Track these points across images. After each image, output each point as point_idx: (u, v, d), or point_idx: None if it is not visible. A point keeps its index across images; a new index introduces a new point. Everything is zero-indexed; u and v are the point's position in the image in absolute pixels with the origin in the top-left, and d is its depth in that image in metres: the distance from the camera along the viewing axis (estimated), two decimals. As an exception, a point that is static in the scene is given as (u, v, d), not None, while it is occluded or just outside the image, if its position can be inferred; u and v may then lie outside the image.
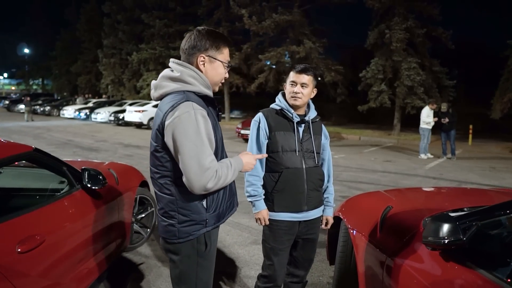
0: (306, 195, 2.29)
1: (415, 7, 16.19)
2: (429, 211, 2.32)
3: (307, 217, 2.33)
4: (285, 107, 2.35)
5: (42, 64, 45.44)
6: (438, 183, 7.55)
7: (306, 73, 2.32)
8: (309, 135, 2.34)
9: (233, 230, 4.53)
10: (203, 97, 1.73)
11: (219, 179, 1.61)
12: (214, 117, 1.77)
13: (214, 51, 1.76)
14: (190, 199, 1.70)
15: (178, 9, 25.60)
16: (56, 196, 2.58)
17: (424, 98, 15.26)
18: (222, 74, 1.82)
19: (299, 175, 2.27)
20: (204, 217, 1.73)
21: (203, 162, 1.57)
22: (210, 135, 1.65)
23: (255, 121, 2.36)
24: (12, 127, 19.00)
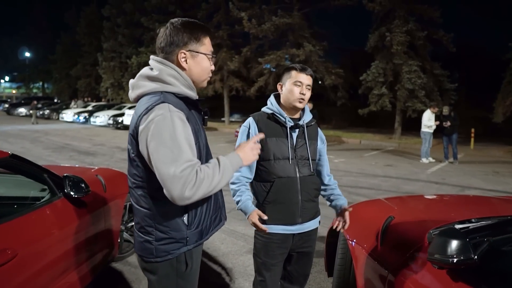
0: (300, 206, 2.10)
1: (415, 10, 16.07)
2: (434, 222, 2.15)
3: (302, 229, 2.14)
4: (277, 110, 2.15)
5: (42, 68, 45.43)
6: (440, 188, 7.37)
7: (310, 74, 2.14)
8: (304, 140, 2.15)
9: (228, 238, 4.36)
10: (184, 99, 1.55)
11: (200, 184, 1.38)
12: (197, 121, 1.61)
13: (195, 44, 1.57)
14: (169, 214, 1.51)
15: (177, 13, 25.46)
16: (34, 206, 2.41)
17: (425, 102, 15.09)
18: (208, 67, 1.63)
19: (293, 184, 2.08)
20: (184, 234, 1.54)
21: (178, 169, 1.37)
22: (190, 140, 1.46)
23: (245, 127, 2.17)
24: (11, 130, 18.87)
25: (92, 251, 2.86)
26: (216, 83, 23.36)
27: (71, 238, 2.56)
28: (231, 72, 22.73)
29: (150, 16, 26.03)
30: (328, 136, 17.16)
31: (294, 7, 19.18)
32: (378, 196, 6.55)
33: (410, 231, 2.11)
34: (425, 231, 2.03)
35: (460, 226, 2.05)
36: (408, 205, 2.74)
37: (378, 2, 15.76)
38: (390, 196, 6.58)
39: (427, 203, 2.86)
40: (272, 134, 2.10)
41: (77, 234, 2.61)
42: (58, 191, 2.60)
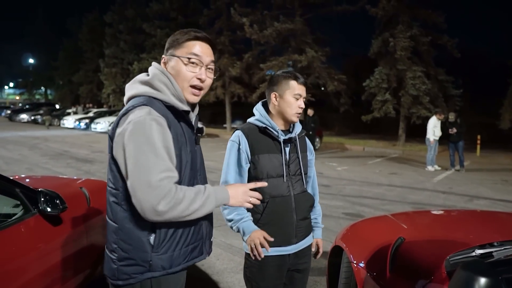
0: (295, 226, 1.94)
1: (419, 15, 15.88)
2: (451, 245, 1.89)
3: (297, 248, 1.99)
4: (269, 124, 1.94)
5: (45, 74, 45.51)
6: (447, 198, 7.08)
7: (305, 84, 1.98)
8: (296, 154, 1.98)
9: (224, 254, 4.10)
10: (171, 108, 1.41)
11: (178, 203, 1.24)
12: (185, 135, 1.44)
13: (173, 48, 1.46)
14: (133, 231, 1.34)
15: (179, 19, 25.42)
16: (2, 224, 2.16)
17: (429, 108, 14.84)
18: (184, 72, 1.44)
19: (287, 204, 1.92)
20: (147, 257, 1.35)
21: (154, 177, 1.23)
22: (169, 149, 1.32)
23: (233, 142, 1.95)
24: (10, 137, 18.71)
25: (71, 271, 2.60)
26: (218, 89, 23.18)
27: (45, 259, 2.30)
28: (232, 78, 22.56)
29: (151, 23, 25.98)
30: (331, 143, 16.91)
31: (296, 12, 19.03)
32: (383, 207, 6.28)
33: (424, 256, 1.84)
34: (442, 257, 1.77)
35: (481, 251, 1.79)
36: (420, 224, 2.48)
37: (381, 7, 15.59)
38: (396, 206, 6.32)
39: (440, 221, 2.59)
40: (265, 150, 1.92)
41: (52, 254, 2.36)
42: (32, 208, 2.36)
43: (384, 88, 15.99)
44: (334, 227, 5.04)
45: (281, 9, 19.38)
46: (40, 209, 2.35)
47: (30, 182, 3.19)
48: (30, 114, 32.54)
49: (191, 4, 25.88)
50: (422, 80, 15.04)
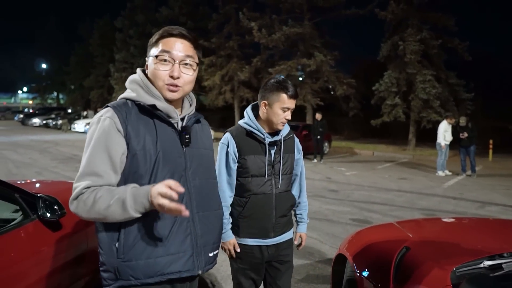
0: (274, 222, 2.11)
1: (429, 18, 15.71)
2: (459, 255, 1.82)
3: (275, 241, 2.15)
4: (255, 127, 2.09)
5: (57, 79, 46.15)
6: (458, 204, 6.94)
7: (297, 98, 2.11)
8: (281, 155, 2.12)
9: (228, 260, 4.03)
10: (143, 107, 1.40)
11: (84, 205, 1.27)
12: (156, 131, 1.39)
13: (151, 48, 1.46)
14: (103, 236, 1.35)
15: (188, 24, 25.58)
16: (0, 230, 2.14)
17: (440, 112, 14.62)
18: (160, 70, 1.40)
19: (268, 201, 2.09)
20: (113, 263, 1.32)
21: (76, 179, 1.33)
22: (110, 150, 1.32)
23: (223, 144, 2.11)
24: (21, 140, 18.95)
25: (70, 277, 2.57)
26: (227, 94, 23.24)
27: (44, 264, 2.28)
28: (241, 82, 22.60)
29: (161, 27, 26.07)
30: (340, 147, 16.77)
31: (305, 16, 19.01)
32: (392, 213, 6.17)
33: (430, 267, 1.77)
34: (448, 268, 1.70)
35: (490, 263, 1.71)
36: (426, 232, 2.39)
37: (390, 10, 15.46)
38: (405, 212, 6.20)
39: (448, 229, 2.50)
40: (251, 151, 2.08)
41: (51, 260, 2.34)
42: (31, 213, 2.34)
43: (393, 92, 15.83)
44: (341, 233, 4.95)
45: (289, 14, 19.36)
46: (39, 215, 2.34)
47: (32, 186, 3.19)
48: (42, 118, 32.99)
49: (200, 9, 26.06)
50: (432, 84, 14.85)
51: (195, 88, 7.44)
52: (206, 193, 1.50)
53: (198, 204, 1.45)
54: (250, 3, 21.27)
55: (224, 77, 22.84)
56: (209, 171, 1.55)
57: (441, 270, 1.71)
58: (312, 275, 3.73)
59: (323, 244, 4.52)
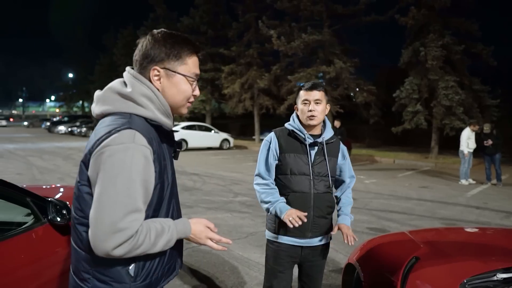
0: (311, 222, 2.14)
1: (451, 23, 15.39)
2: (472, 267, 1.74)
3: (311, 243, 2.19)
4: (297, 127, 2.20)
5: (82, 87, 47.54)
6: (481, 214, 6.69)
7: (317, 89, 2.17)
8: (323, 157, 2.19)
9: (240, 267, 4.01)
10: (156, 127, 1.29)
11: (137, 247, 1.16)
12: (166, 155, 1.33)
13: (173, 62, 1.31)
14: (111, 262, 1.23)
15: (209, 32, 25.95)
16: (9, 232, 2.19)
17: (464, 119, 14.22)
18: (187, 91, 1.34)
19: (306, 200, 2.14)
20: (127, 287, 1.26)
21: (119, 218, 1.12)
22: (148, 184, 1.21)
23: (267, 141, 2.26)
24: (47, 147, 19.53)
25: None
26: (246, 101, 23.35)
27: (53, 267, 2.32)
28: (261, 90, 22.68)
29: (182, 37, 26.56)
30: (360, 155, 16.52)
31: (325, 24, 18.96)
32: (411, 222, 6.00)
33: (439, 277, 1.70)
34: (459, 279, 1.63)
35: (504, 275, 1.63)
36: (438, 242, 2.30)
37: (411, 16, 15.22)
38: (425, 222, 6.02)
39: (462, 239, 2.40)
40: (291, 150, 2.17)
41: (60, 263, 2.37)
42: (42, 217, 2.39)
43: (415, 98, 15.52)
44: (357, 242, 4.83)
45: (309, 21, 19.35)
46: (49, 219, 2.38)
47: (47, 191, 3.26)
48: (67, 126, 33.95)
49: (220, 18, 26.37)
50: (455, 90, 14.48)
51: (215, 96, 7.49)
52: (178, 202, 1.49)
53: (177, 213, 1.44)
54: (269, 12, 21.38)
55: (244, 85, 22.97)
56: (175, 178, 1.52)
57: (450, 282, 1.64)
58: (325, 284, 3.65)
59: (337, 253, 4.44)
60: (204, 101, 26.17)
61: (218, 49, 25.38)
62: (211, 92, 26.63)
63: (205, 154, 17.44)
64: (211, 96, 26.77)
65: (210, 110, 27.47)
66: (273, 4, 19.77)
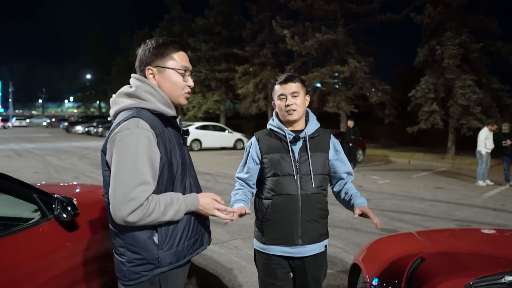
0: (300, 226, 1.95)
1: (469, 21, 15.05)
2: (478, 268, 1.68)
3: (303, 253, 1.98)
4: (276, 125, 2.06)
5: (99, 88, 48.37)
6: (498, 216, 6.51)
7: (293, 81, 2.01)
8: (308, 153, 1.99)
9: (248, 267, 3.99)
10: (159, 115, 1.54)
11: (148, 215, 1.40)
12: (173, 139, 1.57)
13: (161, 59, 1.57)
14: (137, 234, 1.48)
15: (223, 33, 26.05)
16: (15, 228, 2.22)
17: (481, 119, 13.88)
18: (179, 82, 1.60)
19: (293, 202, 1.95)
20: (155, 255, 1.48)
21: (129, 190, 1.38)
22: (153, 161, 1.45)
23: (247, 146, 2.16)
24: (64, 147, 19.90)
25: (85, 275, 2.62)
26: (260, 101, 23.35)
27: (59, 263, 2.35)
28: (275, 89, 22.61)
29: (197, 37, 26.76)
30: (375, 155, 16.31)
31: (339, 23, 18.81)
32: (424, 223, 5.88)
33: (443, 279, 1.65)
34: (463, 281, 1.57)
35: (511, 278, 1.57)
36: (446, 242, 2.24)
37: (427, 14, 14.95)
38: (438, 223, 5.89)
39: (473, 240, 2.32)
40: (272, 150, 2.03)
41: (66, 258, 2.40)
42: (48, 213, 2.42)
43: (431, 98, 15.23)
44: (363, 242, 4.76)
45: (323, 20, 19.23)
46: (55, 214, 2.41)
47: (56, 188, 3.31)
48: (84, 126, 34.55)
49: (235, 19, 26.44)
50: (473, 89, 14.15)
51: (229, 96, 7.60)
52: (197, 182, 1.72)
53: (198, 191, 1.66)
54: (283, 11, 21.34)
55: (258, 85, 22.97)
56: (192, 164, 1.75)
57: (455, 283, 1.59)
58: (333, 285, 3.61)
59: (347, 253, 4.37)
60: (218, 101, 26.29)
61: (232, 49, 25.46)
62: (225, 92, 26.73)
63: (219, 154, 17.50)
64: (225, 96, 26.86)
65: (224, 110, 27.57)
66: (287, 4, 19.71)
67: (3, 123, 46.82)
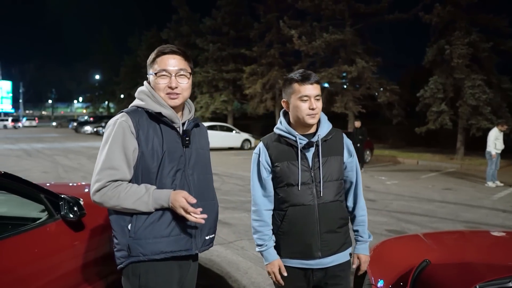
0: (319, 239, 1.79)
1: (479, 20, 14.86)
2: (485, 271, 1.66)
3: (323, 264, 1.82)
4: (285, 130, 1.87)
5: (108, 89, 48.74)
6: (508, 217, 6.43)
7: (317, 82, 1.82)
8: (322, 159, 1.83)
9: (254, 267, 3.99)
10: (150, 114, 1.68)
11: (109, 198, 1.55)
12: (162, 134, 1.66)
13: (150, 67, 1.74)
14: (117, 219, 1.62)
15: (231, 33, 26.07)
16: (23, 228, 2.25)
17: (491, 119, 13.68)
18: (159, 84, 1.69)
19: (309, 213, 1.79)
20: (125, 242, 1.59)
21: (97, 172, 1.58)
22: (126, 149, 1.59)
23: (255, 154, 1.95)
24: (73, 147, 20.10)
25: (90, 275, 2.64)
26: (268, 102, 23.33)
27: (65, 262, 2.37)
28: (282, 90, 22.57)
29: (204, 38, 26.83)
30: (383, 156, 16.21)
31: (347, 23, 18.71)
32: (432, 225, 5.83)
33: (450, 282, 1.63)
34: (468, 285, 1.55)
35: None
36: (453, 245, 2.21)
37: (436, 13, 14.79)
38: (446, 225, 5.84)
39: (480, 243, 2.30)
40: (284, 158, 1.85)
41: (72, 260, 2.42)
42: (55, 213, 2.44)
43: (439, 98, 15.07)
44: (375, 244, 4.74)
45: (330, 20, 19.15)
46: (62, 215, 2.43)
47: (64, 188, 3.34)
48: (93, 126, 34.85)
49: (242, 19, 26.44)
50: (482, 89, 13.97)
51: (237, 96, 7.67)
52: (203, 186, 1.76)
53: (196, 195, 1.65)
54: (291, 11, 21.28)
55: (265, 85, 22.96)
56: (205, 168, 1.82)
57: (463, 286, 1.57)
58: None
59: (354, 254, 4.35)
60: (226, 101, 26.32)
61: (240, 49, 25.48)
62: (232, 93, 26.76)
63: (226, 154, 17.53)
64: (232, 97, 26.89)
65: (231, 111, 27.59)
66: (295, 4, 19.64)
67: (14, 123, 47.45)
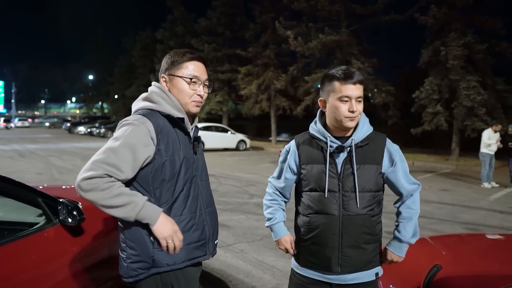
0: (339, 253, 1.66)
1: (474, 21, 14.94)
2: (498, 278, 1.62)
3: (343, 280, 1.69)
4: (318, 130, 1.74)
5: (102, 89, 48.43)
6: (505, 218, 6.44)
7: (361, 82, 1.66)
8: (354, 166, 1.67)
9: (254, 271, 3.94)
10: (168, 117, 1.64)
11: (101, 189, 1.43)
12: (180, 140, 1.65)
13: (173, 68, 1.69)
14: (136, 230, 1.54)
15: (226, 33, 26.01)
16: (20, 233, 2.18)
17: (486, 120, 13.77)
18: (186, 90, 1.67)
19: (331, 224, 1.67)
20: (150, 253, 1.53)
21: (97, 161, 1.47)
22: (135, 152, 1.51)
23: (285, 151, 1.87)
24: (67, 148, 19.90)
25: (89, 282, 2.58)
26: (263, 102, 23.30)
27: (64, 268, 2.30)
28: (278, 91, 22.61)
29: (200, 38, 26.74)
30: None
31: (342, 24, 18.75)
32: (431, 226, 5.82)
33: (462, 288, 1.59)
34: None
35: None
36: (462, 249, 2.18)
37: (431, 15, 14.84)
38: (445, 226, 5.83)
39: (488, 248, 2.27)
40: (312, 160, 1.74)
41: (71, 263, 2.35)
42: (54, 217, 2.38)
43: (435, 99, 15.14)
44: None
45: (326, 21, 19.16)
46: (60, 219, 2.37)
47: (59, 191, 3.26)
48: (87, 126, 34.58)
49: (238, 19, 26.39)
50: (477, 91, 14.05)
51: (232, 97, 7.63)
52: (207, 192, 1.76)
53: (205, 201, 1.70)
54: (287, 12, 21.30)
55: (261, 86, 22.93)
56: (206, 174, 1.81)
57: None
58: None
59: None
60: (221, 102, 26.24)
61: (235, 50, 25.42)
62: (228, 93, 26.69)
63: (222, 155, 17.46)
64: (228, 97, 26.82)
65: (227, 111, 27.52)
66: (290, 5, 19.65)
67: (6, 123, 46.97)
